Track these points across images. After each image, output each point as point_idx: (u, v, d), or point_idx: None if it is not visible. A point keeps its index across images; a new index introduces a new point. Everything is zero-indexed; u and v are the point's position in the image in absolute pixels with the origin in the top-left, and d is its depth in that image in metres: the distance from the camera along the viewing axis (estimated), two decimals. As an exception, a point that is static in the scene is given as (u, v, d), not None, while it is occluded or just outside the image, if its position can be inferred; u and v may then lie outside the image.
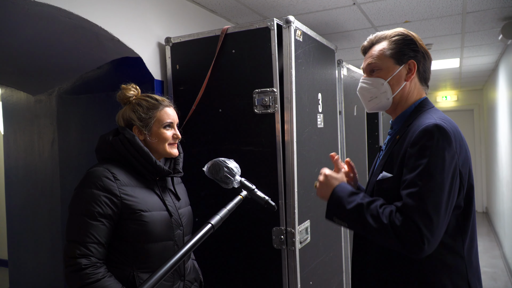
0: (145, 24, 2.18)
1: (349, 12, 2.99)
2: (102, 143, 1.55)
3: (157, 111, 1.57)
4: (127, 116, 1.58)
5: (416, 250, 1.14)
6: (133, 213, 1.43)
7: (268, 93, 1.90)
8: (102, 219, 1.38)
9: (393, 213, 1.18)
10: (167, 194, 1.60)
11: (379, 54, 1.39)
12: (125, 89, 1.61)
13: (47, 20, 1.85)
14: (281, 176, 1.89)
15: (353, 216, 1.26)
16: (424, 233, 1.13)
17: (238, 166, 1.46)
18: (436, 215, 1.15)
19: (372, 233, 1.22)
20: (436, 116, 1.28)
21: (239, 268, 2.00)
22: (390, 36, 1.39)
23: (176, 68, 2.16)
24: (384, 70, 1.38)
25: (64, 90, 2.65)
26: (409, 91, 1.39)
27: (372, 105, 1.44)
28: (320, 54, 2.26)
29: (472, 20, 3.33)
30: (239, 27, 1.97)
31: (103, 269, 1.37)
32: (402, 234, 1.15)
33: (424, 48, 1.39)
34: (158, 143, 1.56)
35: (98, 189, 1.40)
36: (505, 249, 5.42)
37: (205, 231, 1.21)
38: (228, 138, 2.01)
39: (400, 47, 1.37)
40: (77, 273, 1.33)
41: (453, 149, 1.21)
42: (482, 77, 6.82)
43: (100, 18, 1.90)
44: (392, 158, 1.32)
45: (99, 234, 1.37)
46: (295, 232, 1.87)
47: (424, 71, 1.41)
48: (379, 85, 1.39)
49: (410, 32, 1.40)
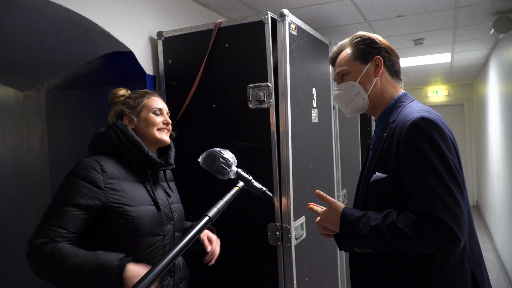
0: (137, 17, 2.14)
1: (343, 6, 2.97)
2: (94, 136, 1.55)
3: (144, 98, 1.61)
4: (117, 110, 1.61)
5: (453, 246, 1.15)
6: (117, 207, 1.41)
7: (262, 87, 1.87)
8: (79, 210, 1.36)
9: (414, 221, 1.17)
10: (158, 189, 1.58)
11: (344, 60, 1.44)
12: (115, 90, 1.65)
13: (35, 13, 1.81)
14: (276, 172, 1.87)
15: (373, 240, 1.23)
16: (454, 229, 1.14)
17: (234, 156, 1.43)
18: (458, 207, 1.16)
19: (400, 249, 1.21)
20: (419, 108, 1.29)
21: (234, 265, 1.98)
22: (351, 41, 1.45)
23: (168, 62, 2.12)
24: (353, 73, 1.42)
25: (54, 85, 2.60)
26: (382, 86, 1.41)
27: (351, 109, 1.46)
28: (314, 48, 2.24)
29: (464, 15, 3.33)
30: (233, 21, 1.94)
31: (63, 244, 1.32)
32: (434, 237, 1.15)
33: (386, 44, 1.42)
34: (147, 128, 1.57)
35: (83, 180, 1.39)
36: (496, 242, 5.48)
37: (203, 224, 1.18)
38: (222, 133, 1.99)
39: (362, 47, 1.41)
40: (34, 252, 1.30)
41: (447, 139, 1.21)
42: (473, 71, 6.87)
43: (91, 11, 1.86)
44: (383, 158, 1.30)
45: (70, 222, 1.34)
46: (290, 228, 1.86)
47: (392, 64, 1.43)
48: (351, 87, 1.42)
49: (369, 33, 1.44)
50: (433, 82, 8.17)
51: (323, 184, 2.35)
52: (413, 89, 8.82)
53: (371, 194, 1.32)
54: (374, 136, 1.47)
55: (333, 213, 1.32)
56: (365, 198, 1.35)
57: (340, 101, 1.47)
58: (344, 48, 1.46)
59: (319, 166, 2.28)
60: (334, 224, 1.31)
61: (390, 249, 1.23)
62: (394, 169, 1.25)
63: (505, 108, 4.31)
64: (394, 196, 1.25)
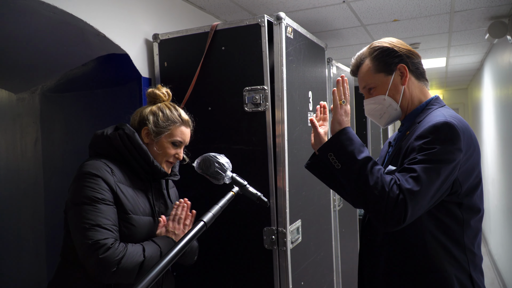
0: (132, 19, 2.13)
1: (339, 10, 2.98)
2: (97, 137, 1.50)
3: (175, 125, 1.55)
4: (145, 114, 1.54)
5: (393, 224, 1.18)
6: (123, 213, 1.38)
7: (258, 90, 1.86)
8: (108, 202, 1.34)
9: (394, 185, 1.19)
10: (158, 199, 1.56)
11: (367, 74, 1.43)
12: (159, 88, 1.60)
13: (29, 14, 1.79)
14: (272, 175, 1.86)
15: (354, 165, 1.25)
16: (407, 214, 1.16)
17: (229, 161, 1.42)
18: (423, 203, 1.19)
19: (361, 190, 1.23)
20: (447, 114, 1.30)
21: (230, 269, 1.96)
22: (370, 54, 1.43)
23: (164, 65, 2.11)
24: (380, 86, 1.41)
25: (48, 88, 2.58)
26: (411, 92, 1.42)
27: (385, 120, 1.46)
28: (311, 52, 2.24)
29: (459, 19, 3.35)
30: (229, 24, 1.93)
31: (121, 245, 1.32)
32: (391, 206, 1.17)
33: (405, 49, 1.42)
34: (159, 155, 1.52)
35: (97, 177, 1.35)
36: (491, 246, 5.50)
37: (197, 229, 1.17)
38: (218, 136, 1.97)
39: (383, 59, 1.40)
40: (108, 252, 1.25)
41: (459, 147, 1.22)
42: (467, 76, 6.91)
43: (86, 13, 1.85)
44: (399, 152, 1.34)
45: (110, 216, 1.32)
46: (286, 232, 1.84)
47: (417, 68, 1.43)
48: (382, 101, 1.42)
49: (385, 41, 1.43)
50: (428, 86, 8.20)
51: (319, 188, 2.34)
52: (408, 94, 8.84)
53: None
54: (396, 134, 1.50)
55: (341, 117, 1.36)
56: None
57: (372, 115, 1.47)
58: (363, 61, 1.45)
59: (315, 169, 2.28)
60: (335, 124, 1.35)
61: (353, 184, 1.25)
62: (402, 162, 1.28)
63: (499, 113, 4.33)
64: None
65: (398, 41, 1.43)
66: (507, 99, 3.73)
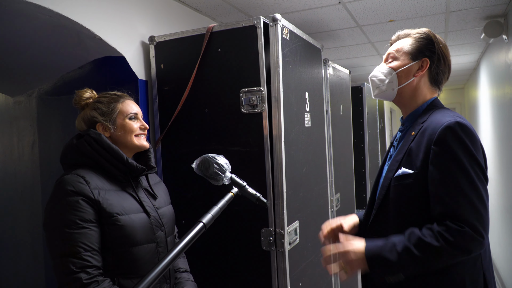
0: (128, 22, 2.13)
1: (334, 11, 2.99)
2: (65, 149, 1.46)
3: (118, 103, 1.53)
4: (88, 116, 1.51)
5: (478, 246, 1.19)
6: (109, 217, 1.35)
7: (255, 92, 1.87)
8: (87, 224, 1.30)
9: (439, 232, 1.20)
10: (143, 194, 1.52)
11: (399, 47, 1.47)
12: (79, 92, 1.56)
13: (26, 18, 1.79)
14: (269, 177, 1.86)
15: (404, 264, 1.23)
16: (478, 228, 1.18)
17: (228, 162, 1.43)
18: (484, 208, 1.20)
19: (431, 265, 1.23)
20: (453, 114, 1.32)
21: (228, 271, 1.96)
22: (414, 34, 1.46)
23: (160, 67, 2.11)
24: (399, 62, 1.45)
25: (45, 91, 2.58)
26: (417, 87, 1.44)
27: (377, 92, 1.50)
28: (307, 53, 2.24)
29: (455, 19, 3.37)
30: (225, 26, 1.94)
31: (107, 283, 1.29)
32: (461, 243, 1.18)
33: (443, 52, 1.43)
34: (125, 135, 1.49)
35: (72, 196, 1.31)
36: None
37: (196, 230, 1.17)
38: (215, 138, 1.98)
39: (418, 45, 1.43)
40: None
41: (478, 145, 1.25)
42: (464, 76, 6.93)
43: (82, 16, 1.85)
44: (411, 155, 1.33)
45: (90, 241, 1.29)
46: (284, 233, 1.85)
47: (437, 73, 1.44)
48: (388, 74, 1.46)
49: (436, 35, 1.45)
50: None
51: (317, 189, 2.34)
52: (405, 94, 8.87)
53: (394, 188, 1.35)
54: (398, 134, 1.51)
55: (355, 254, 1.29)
56: (386, 192, 1.37)
57: (372, 81, 1.51)
58: (408, 36, 1.47)
59: (313, 170, 2.28)
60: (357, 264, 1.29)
61: (421, 267, 1.23)
62: (422, 166, 1.29)
63: (496, 112, 4.35)
64: (418, 192, 1.29)
65: (445, 45, 1.45)
66: (504, 98, 3.74)
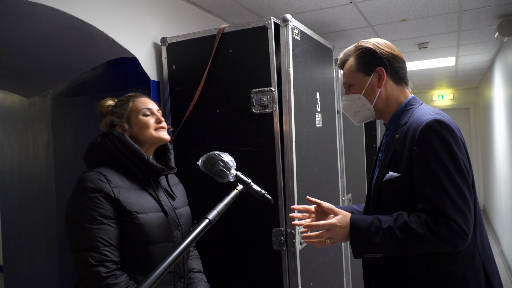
0: (141, 24, 2.15)
1: (346, 11, 2.98)
2: (90, 147, 1.51)
3: (130, 102, 1.56)
4: (107, 121, 1.56)
5: (461, 242, 1.20)
6: (128, 215, 1.38)
7: (266, 92, 1.87)
8: (106, 220, 1.34)
9: (426, 220, 1.21)
10: (162, 194, 1.55)
11: (349, 71, 1.47)
12: (102, 101, 1.60)
13: (40, 20, 1.82)
14: (280, 177, 1.86)
15: (386, 244, 1.25)
16: (462, 225, 1.19)
17: (233, 159, 1.43)
18: (466, 206, 1.22)
19: (412, 249, 1.24)
20: (431, 111, 1.33)
21: (239, 270, 1.97)
22: (355, 51, 1.47)
23: (172, 68, 2.13)
24: (358, 85, 1.45)
25: (59, 92, 2.62)
26: (387, 95, 1.44)
27: (358, 118, 1.51)
28: (318, 53, 2.24)
29: (468, 18, 3.33)
30: (236, 26, 1.95)
31: (124, 277, 1.32)
32: (445, 235, 1.19)
33: (387, 52, 1.42)
34: (141, 131, 1.52)
35: (92, 192, 1.35)
36: (503, 246, 5.43)
37: (202, 227, 1.18)
38: (226, 138, 1.99)
39: (363, 59, 1.44)
40: (97, 285, 1.26)
41: (459, 141, 1.26)
42: (478, 75, 6.84)
43: (95, 18, 1.88)
44: (396, 158, 1.34)
45: (109, 236, 1.32)
46: (295, 233, 1.85)
47: (396, 72, 1.44)
48: (357, 99, 1.46)
49: (370, 41, 1.45)
50: (438, 86, 8.14)
51: (328, 189, 2.34)
52: (418, 93, 8.78)
53: (384, 192, 1.35)
54: (384, 138, 1.51)
55: (341, 222, 1.32)
56: (378, 197, 1.38)
57: (347, 111, 1.52)
58: (348, 58, 1.49)
59: (324, 170, 2.28)
60: (342, 235, 1.32)
61: (402, 250, 1.25)
62: (407, 168, 1.29)
63: (510, 112, 4.28)
64: (407, 194, 1.30)
65: (385, 43, 1.44)
66: (518, 98, 3.69)
